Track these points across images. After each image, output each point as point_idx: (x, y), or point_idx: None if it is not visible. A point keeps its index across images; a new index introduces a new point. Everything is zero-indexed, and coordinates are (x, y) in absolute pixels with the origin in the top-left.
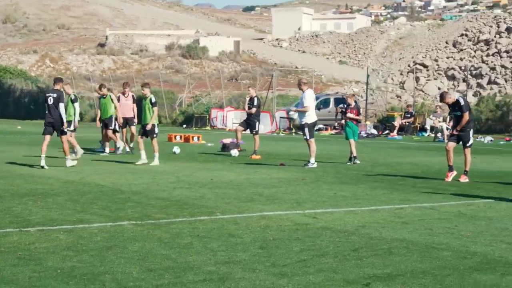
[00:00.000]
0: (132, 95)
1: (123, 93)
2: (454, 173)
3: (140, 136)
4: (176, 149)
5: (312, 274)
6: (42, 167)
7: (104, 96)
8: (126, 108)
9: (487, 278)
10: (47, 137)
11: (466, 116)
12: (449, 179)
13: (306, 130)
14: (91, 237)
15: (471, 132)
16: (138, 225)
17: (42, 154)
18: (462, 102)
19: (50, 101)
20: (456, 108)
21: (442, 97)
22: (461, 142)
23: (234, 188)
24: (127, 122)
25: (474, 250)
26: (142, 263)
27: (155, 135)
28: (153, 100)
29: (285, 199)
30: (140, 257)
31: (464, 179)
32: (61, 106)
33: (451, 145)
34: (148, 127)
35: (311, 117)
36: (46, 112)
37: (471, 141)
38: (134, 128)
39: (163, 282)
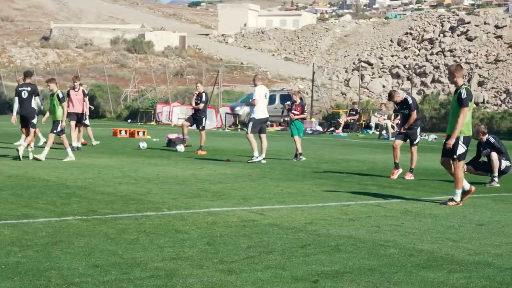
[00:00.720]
0: (83, 90)
1: (73, 88)
2: (400, 170)
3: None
4: (142, 144)
5: (260, 271)
6: (37, 159)
7: None
8: (76, 103)
9: (434, 276)
10: (25, 130)
11: (414, 114)
12: (395, 176)
13: (250, 124)
14: (36, 232)
15: (419, 130)
16: (84, 220)
17: (29, 148)
18: (410, 101)
19: (24, 94)
20: (404, 107)
21: (391, 95)
22: (408, 140)
23: (180, 183)
24: (77, 118)
25: (421, 248)
26: (88, 259)
27: (55, 131)
28: (61, 95)
29: (232, 195)
30: (86, 252)
31: (409, 176)
32: (37, 99)
33: (398, 142)
34: (63, 125)
35: (260, 112)
36: (19, 105)
37: (418, 139)
38: (86, 124)
39: (110, 278)
